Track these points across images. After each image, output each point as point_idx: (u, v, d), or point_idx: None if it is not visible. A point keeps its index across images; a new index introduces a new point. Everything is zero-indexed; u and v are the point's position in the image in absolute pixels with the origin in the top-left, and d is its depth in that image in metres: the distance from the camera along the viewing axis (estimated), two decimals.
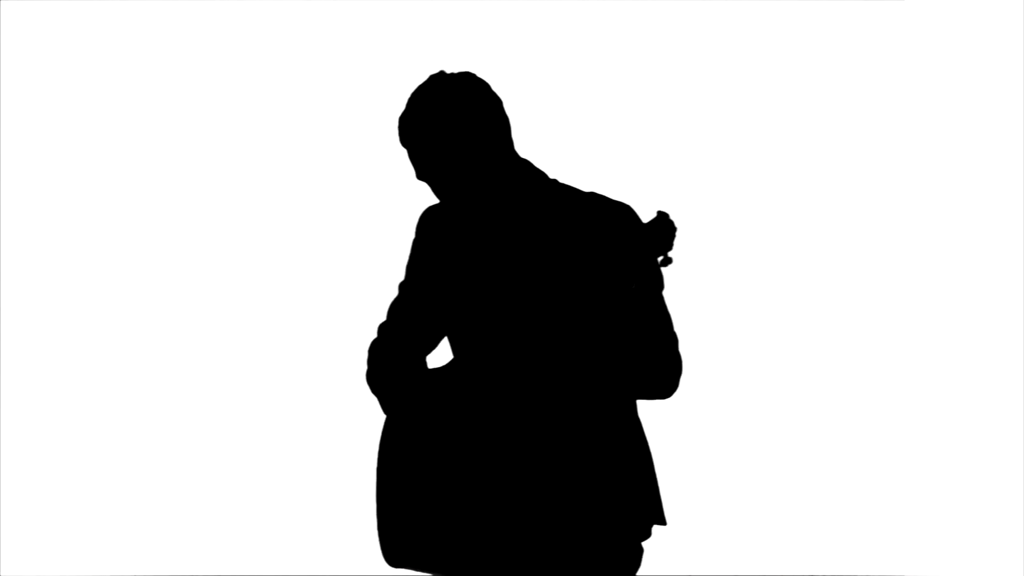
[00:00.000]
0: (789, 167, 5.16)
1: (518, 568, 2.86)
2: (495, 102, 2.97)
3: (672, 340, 2.93)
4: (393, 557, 2.92)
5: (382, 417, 2.99)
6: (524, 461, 2.85)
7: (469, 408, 2.88)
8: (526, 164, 2.99)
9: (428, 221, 2.99)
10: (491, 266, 2.91)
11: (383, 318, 3.02)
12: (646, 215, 2.97)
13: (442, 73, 2.98)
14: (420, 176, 2.99)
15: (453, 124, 2.92)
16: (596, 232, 2.91)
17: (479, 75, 3.00)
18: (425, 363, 2.98)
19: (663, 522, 2.95)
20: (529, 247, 2.91)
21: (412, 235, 3.00)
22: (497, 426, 2.86)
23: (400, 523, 2.89)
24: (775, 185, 5.16)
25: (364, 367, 3.00)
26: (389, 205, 5.13)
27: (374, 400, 2.99)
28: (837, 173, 5.16)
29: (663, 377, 2.92)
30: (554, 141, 4.96)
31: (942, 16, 5.15)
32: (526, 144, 3.17)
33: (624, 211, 2.95)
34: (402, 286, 3.01)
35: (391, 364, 2.96)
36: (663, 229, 2.76)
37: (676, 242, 2.73)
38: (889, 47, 5.16)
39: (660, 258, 2.78)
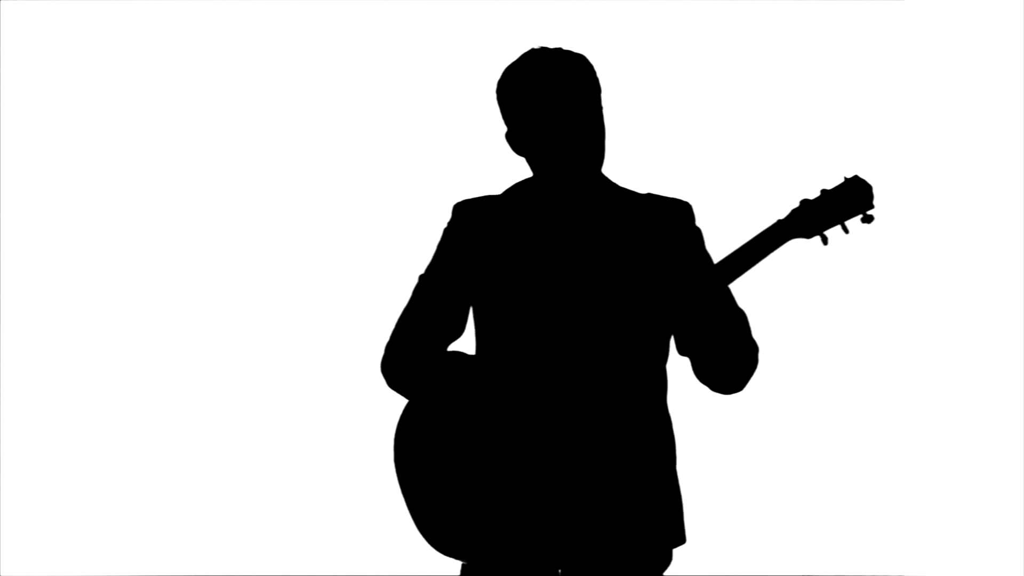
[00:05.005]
0: (789, 167, 5.17)
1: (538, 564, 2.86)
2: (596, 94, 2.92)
3: (745, 328, 2.91)
4: (439, 545, 2.91)
5: (392, 417, 2.97)
6: (545, 464, 2.83)
7: (492, 401, 2.86)
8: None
9: (460, 214, 2.96)
10: (531, 260, 2.88)
11: (399, 313, 3.00)
12: (834, 181, 3.02)
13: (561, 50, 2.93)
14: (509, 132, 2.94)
15: (555, 101, 2.87)
16: (650, 229, 2.89)
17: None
18: (443, 351, 2.95)
19: (683, 541, 2.94)
20: (574, 242, 2.89)
21: (417, 235, 2.99)
22: (520, 423, 2.84)
23: (433, 513, 2.88)
24: (774, 185, 5.16)
25: (378, 362, 2.97)
26: (395, 206, 5.14)
27: (382, 400, 2.98)
28: (837, 173, 5.17)
29: (738, 368, 2.90)
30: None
31: (942, 16, 5.16)
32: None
33: (682, 208, 2.94)
34: (422, 278, 2.99)
35: (407, 350, 2.94)
36: (860, 190, 2.85)
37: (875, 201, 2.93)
38: (889, 47, 5.16)
39: (860, 216, 2.86)
